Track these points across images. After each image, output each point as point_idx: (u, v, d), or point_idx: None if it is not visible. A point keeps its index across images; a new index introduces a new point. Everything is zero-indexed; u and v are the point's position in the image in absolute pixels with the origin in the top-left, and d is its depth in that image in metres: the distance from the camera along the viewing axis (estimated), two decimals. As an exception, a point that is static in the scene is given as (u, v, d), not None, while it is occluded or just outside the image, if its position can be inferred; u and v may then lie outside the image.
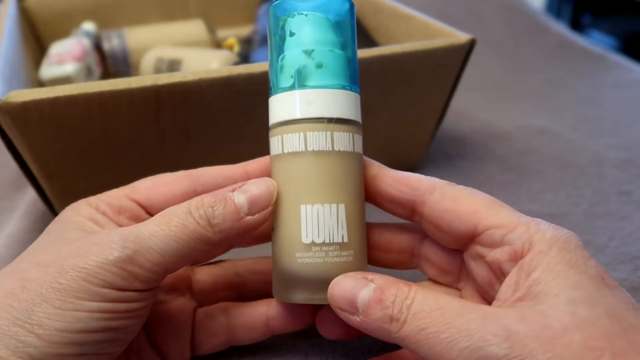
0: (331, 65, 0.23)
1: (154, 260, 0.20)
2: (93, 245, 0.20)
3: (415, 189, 0.23)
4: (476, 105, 0.57)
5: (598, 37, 1.48)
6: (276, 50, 0.24)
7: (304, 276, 0.22)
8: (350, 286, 0.21)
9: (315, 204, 0.22)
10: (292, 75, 0.23)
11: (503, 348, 0.17)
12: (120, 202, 0.24)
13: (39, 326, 0.19)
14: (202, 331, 0.26)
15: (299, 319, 0.25)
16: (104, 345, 0.20)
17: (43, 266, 0.20)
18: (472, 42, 0.37)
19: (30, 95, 0.26)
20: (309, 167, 0.22)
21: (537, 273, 0.19)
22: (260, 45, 0.53)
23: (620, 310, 0.18)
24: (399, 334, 0.19)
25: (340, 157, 0.23)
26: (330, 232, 0.22)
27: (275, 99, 0.23)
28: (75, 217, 0.23)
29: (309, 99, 0.22)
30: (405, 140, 0.41)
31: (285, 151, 0.23)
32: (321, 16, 0.23)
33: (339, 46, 0.23)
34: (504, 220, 0.21)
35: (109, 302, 0.20)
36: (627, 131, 0.52)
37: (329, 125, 0.22)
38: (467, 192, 0.22)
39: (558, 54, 0.73)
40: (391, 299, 0.20)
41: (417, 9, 0.45)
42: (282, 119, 0.23)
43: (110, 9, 0.57)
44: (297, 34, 0.23)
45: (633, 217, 0.38)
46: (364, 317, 0.20)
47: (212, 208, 0.21)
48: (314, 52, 0.23)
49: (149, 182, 0.25)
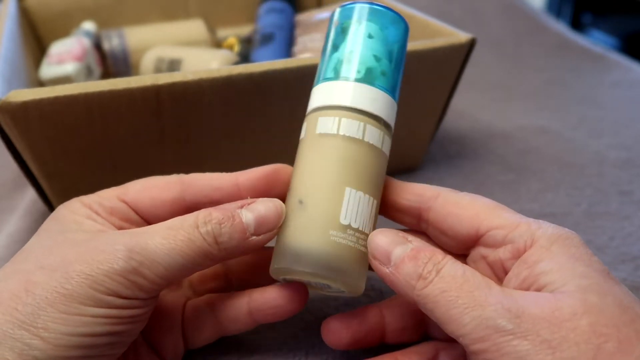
0: (390, 77, 0.25)
1: (159, 273, 0.21)
2: (99, 252, 0.20)
3: (421, 196, 0.24)
4: (476, 105, 0.57)
5: (598, 37, 1.48)
6: (343, 43, 0.25)
7: (331, 254, 0.22)
8: (390, 239, 0.22)
9: (359, 190, 0.23)
10: (361, 71, 0.24)
11: (512, 323, 0.18)
12: (111, 203, 0.24)
13: (44, 329, 0.19)
14: (192, 325, 0.26)
15: (281, 309, 0.25)
16: (106, 348, 0.20)
17: (48, 270, 0.20)
18: (472, 42, 0.37)
19: (30, 95, 0.26)
20: (363, 155, 0.23)
21: (542, 266, 0.20)
22: (260, 44, 0.53)
23: (628, 302, 0.18)
24: (421, 292, 0.20)
25: (385, 157, 0.24)
26: (365, 221, 0.23)
27: (338, 84, 0.24)
28: (73, 216, 0.23)
29: (374, 97, 0.24)
30: (405, 140, 0.41)
31: (341, 133, 0.23)
32: (396, 31, 0.25)
33: (397, 62, 0.25)
34: (505, 221, 0.22)
35: (113, 309, 0.20)
36: (627, 131, 0.52)
37: (380, 125, 0.24)
38: (470, 197, 0.23)
39: (558, 53, 0.73)
40: (425, 259, 0.20)
41: (417, 9, 0.45)
42: (345, 104, 0.24)
43: (110, 8, 0.57)
44: (375, 39, 0.25)
45: (633, 217, 0.38)
46: (394, 270, 0.21)
47: (220, 225, 0.21)
48: (382, 61, 0.25)
49: (140, 185, 0.25)
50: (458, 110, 0.53)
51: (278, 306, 0.25)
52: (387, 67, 0.25)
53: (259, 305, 0.25)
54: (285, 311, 0.25)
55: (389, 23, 0.25)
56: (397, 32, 0.25)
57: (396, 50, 0.25)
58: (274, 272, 0.24)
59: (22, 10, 0.52)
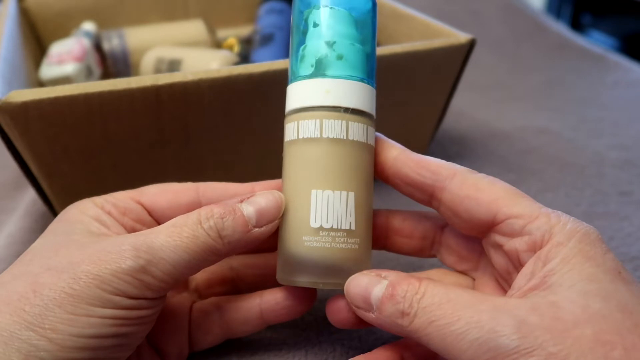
0: (351, 58, 0.23)
1: (166, 271, 0.21)
2: (106, 253, 0.20)
3: (436, 174, 0.23)
4: (476, 105, 0.57)
5: (598, 37, 1.48)
6: (298, 41, 0.24)
7: (309, 260, 0.22)
8: (365, 283, 0.21)
9: (326, 190, 0.22)
10: (313, 64, 0.23)
11: (513, 340, 0.17)
12: (125, 203, 0.24)
13: (51, 330, 0.19)
14: (198, 327, 0.26)
15: (292, 309, 0.25)
16: (113, 350, 0.20)
17: (56, 271, 0.20)
18: (472, 42, 0.37)
19: (30, 95, 0.26)
20: (322, 153, 0.23)
21: (552, 264, 0.19)
22: (260, 45, 0.53)
23: (633, 305, 0.18)
24: (410, 328, 0.19)
25: (353, 146, 0.23)
26: (339, 219, 0.22)
27: (293, 87, 0.24)
28: (81, 216, 0.23)
29: (327, 88, 0.23)
30: (405, 140, 0.41)
31: (300, 137, 0.23)
32: (344, 11, 0.24)
33: (360, 42, 0.24)
34: (524, 210, 0.21)
35: (120, 309, 0.20)
36: (627, 131, 0.52)
37: (344, 115, 0.23)
38: (488, 180, 0.22)
39: (558, 54, 0.73)
40: (402, 294, 0.20)
41: (417, 9, 0.45)
42: (299, 105, 0.23)
43: (110, 9, 0.57)
44: (321, 25, 0.24)
45: (633, 217, 0.38)
46: (377, 314, 0.20)
47: (222, 219, 0.21)
48: (336, 44, 0.23)
49: (156, 189, 0.25)
50: (458, 110, 0.53)
51: (289, 306, 0.25)
52: (346, 49, 0.23)
53: (272, 306, 0.25)
54: (296, 311, 0.25)
55: (332, 3, 0.24)
56: (348, 7, 0.24)
57: (352, 27, 0.24)
58: (278, 279, 0.24)
59: (22, 10, 0.52)
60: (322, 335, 0.28)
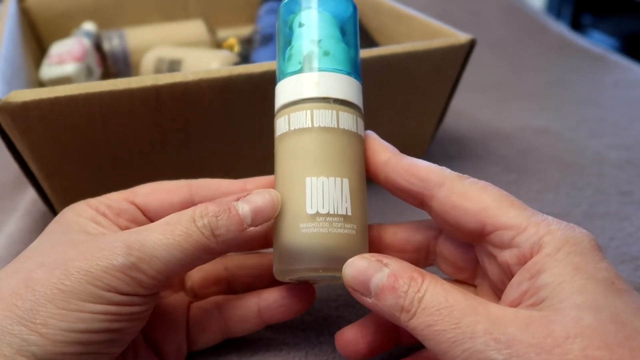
0: (337, 54, 0.24)
1: (158, 269, 0.21)
2: (98, 250, 0.20)
3: (425, 181, 0.22)
4: (476, 105, 0.57)
5: (598, 37, 1.48)
6: (284, 44, 0.25)
7: (307, 246, 0.22)
8: (364, 267, 0.21)
9: (320, 177, 0.22)
10: (300, 62, 0.24)
11: (502, 354, 0.17)
12: (119, 204, 0.24)
13: (43, 325, 0.19)
14: (197, 326, 0.26)
15: (290, 308, 0.25)
16: (105, 345, 0.20)
17: (49, 267, 0.20)
18: (472, 42, 0.37)
19: (30, 95, 0.26)
20: (315, 141, 0.23)
21: (543, 277, 0.19)
22: (260, 45, 0.53)
23: (627, 316, 0.17)
24: (408, 324, 0.19)
25: (344, 134, 0.23)
26: (335, 204, 0.22)
27: (282, 84, 0.24)
28: (77, 218, 0.23)
29: (317, 80, 0.23)
30: (405, 140, 0.41)
31: (291, 128, 0.23)
32: (328, 14, 0.25)
33: (344, 43, 0.25)
34: (513, 221, 0.20)
35: (112, 305, 0.20)
36: (627, 131, 0.52)
37: (334, 105, 0.23)
38: (478, 187, 0.22)
39: (558, 54, 0.73)
40: (404, 288, 0.20)
41: (417, 9, 0.45)
42: (290, 99, 0.24)
43: (110, 9, 0.57)
44: (306, 25, 0.24)
45: (633, 217, 0.38)
46: (376, 301, 0.20)
47: (216, 218, 0.21)
48: (322, 42, 0.24)
49: (149, 188, 0.25)
50: (458, 111, 0.53)
51: (288, 304, 0.25)
52: (332, 46, 0.24)
53: (269, 305, 0.25)
54: (295, 310, 0.25)
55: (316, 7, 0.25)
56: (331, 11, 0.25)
57: (336, 29, 0.25)
58: (275, 274, 0.24)
59: (22, 10, 0.52)
60: (323, 336, 0.28)
